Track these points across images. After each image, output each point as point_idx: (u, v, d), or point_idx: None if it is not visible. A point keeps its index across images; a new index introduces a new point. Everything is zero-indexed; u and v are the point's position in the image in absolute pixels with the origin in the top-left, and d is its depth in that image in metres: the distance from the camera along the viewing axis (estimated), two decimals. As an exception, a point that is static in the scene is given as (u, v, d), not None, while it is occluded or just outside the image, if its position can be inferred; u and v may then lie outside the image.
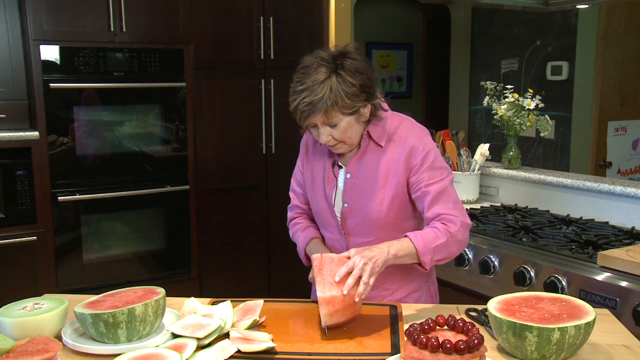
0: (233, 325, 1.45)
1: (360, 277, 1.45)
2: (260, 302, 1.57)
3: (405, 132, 1.70)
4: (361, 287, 1.44)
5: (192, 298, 1.59)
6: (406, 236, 1.59)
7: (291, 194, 1.93)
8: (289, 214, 1.94)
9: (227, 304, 1.53)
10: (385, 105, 1.71)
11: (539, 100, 2.88)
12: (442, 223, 1.61)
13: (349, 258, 1.50)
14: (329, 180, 1.75)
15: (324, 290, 1.44)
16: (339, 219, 1.74)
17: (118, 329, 1.35)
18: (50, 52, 3.18)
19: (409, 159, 1.66)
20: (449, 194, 1.65)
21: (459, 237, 1.62)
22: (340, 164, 1.74)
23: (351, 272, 1.46)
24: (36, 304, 1.43)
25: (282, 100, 3.83)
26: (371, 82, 1.62)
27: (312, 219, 1.89)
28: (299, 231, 1.87)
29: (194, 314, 1.48)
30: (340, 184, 1.74)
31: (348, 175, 1.72)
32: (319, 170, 1.79)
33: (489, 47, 4.86)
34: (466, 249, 2.30)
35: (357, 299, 1.45)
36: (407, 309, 1.63)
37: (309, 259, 1.80)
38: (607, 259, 1.92)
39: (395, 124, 1.71)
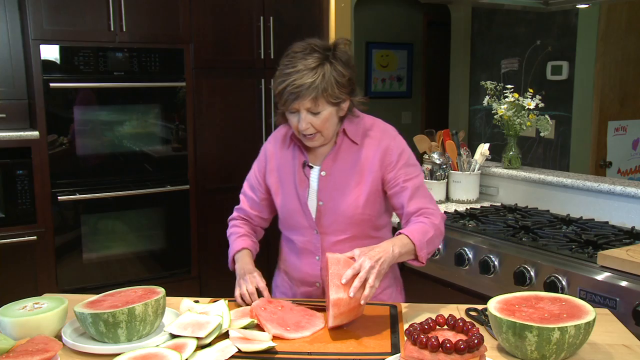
0: (230, 324, 1.45)
1: (366, 280, 1.44)
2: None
3: (380, 132, 1.75)
4: (367, 290, 1.44)
5: (185, 299, 1.59)
6: (400, 233, 1.61)
7: (241, 197, 1.94)
8: (233, 214, 1.95)
9: (221, 302, 1.53)
10: (360, 107, 1.75)
11: (539, 100, 2.87)
12: (425, 217, 1.66)
13: (352, 258, 1.50)
14: (301, 180, 1.75)
15: (330, 292, 1.44)
16: (313, 219, 1.74)
17: (118, 328, 1.35)
18: (50, 52, 3.18)
19: (384, 157, 1.71)
20: (425, 189, 1.74)
21: (441, 229, 1.68)
22: (310, 164, 1.75)
23: (357, 274, 1.45)
24: (36, 303, 1.43)
25: (282, 100, 3.83)
26: (355, 78, 1.68)
27: (252, 228, 1.90)
28: (236, 235, 1.87)
29: (189, 311, 1.48)
30: (314, 183, 1.74)
31: (323, 173, 1.73)
32: (287, 173, 1.78)
33: (489, 47, 4.86)
34: (466, 249, 2.30)
35: (362, 302, 1.44)
36: (407, 309, 1.63)
37: (234, 263, 1.82)
38: (607, 258, 1.92)
39: (369, 123, 1.77)
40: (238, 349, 1.35)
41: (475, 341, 1.15)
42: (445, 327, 1.25)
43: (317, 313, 1.56)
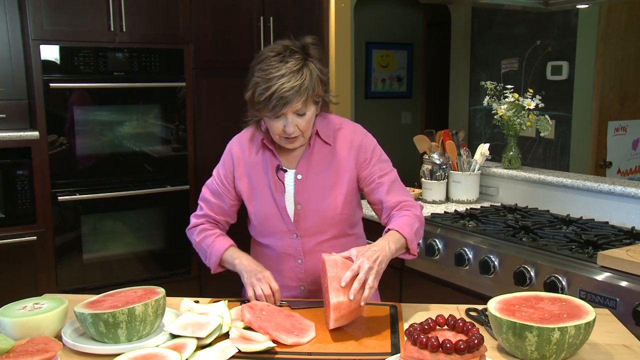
0: (230, 324, 1.45)
1: (365, 281, 1.44)
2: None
3: (350, 131, 1.76)
4: (366, 292, 1.43)
5: (186, 299, 1.59)
6: (389, 230, 1.61)
7: (202, 203, 1.85)
8: (194, 221, 1.85)
9: (221, 303, 1.53)
10: (331, 104, 1.76)
11: (539, 100, 2.88)
12: (407, 209, 1.68)
13: (348, 258, 1.50)
14: (276, 185, 1.73)
15: (330, 296, 1.43)
16: (292, 223, 1.73)
17: (118, 328, 1.35)
18: (50, 52, 3.18)
19: (359, 155, 1.73)
20: (400, 183, 1.76)
21: (422, 219, 1.71)
22: (284, 167, 1.74)
23: (356, 275, 1.44)
24: (36, 303, 1.43)
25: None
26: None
27: (224, 230, 1.83)
28: (213, 236, 1.79)
29: (189, 311, 1.48)
30: (290, 187, 1.73)
31: (299, 177, 1.72)
32: (260, 178, 1.76)
33: (489, 47, 4.86)
34: (466, 249, 2.30)
35: (362, 303, 1.44)
36: (407, 309, 1.63)
37: (221, 267, 1.78)
38: (607, 259, 1.92)
39: (337, 122, 1.78)
40: (238, 349, 1.35)
41: (475, 341, 1.15)
42: (445, 327, 1.25)
43: (292, 312, 1.56)
